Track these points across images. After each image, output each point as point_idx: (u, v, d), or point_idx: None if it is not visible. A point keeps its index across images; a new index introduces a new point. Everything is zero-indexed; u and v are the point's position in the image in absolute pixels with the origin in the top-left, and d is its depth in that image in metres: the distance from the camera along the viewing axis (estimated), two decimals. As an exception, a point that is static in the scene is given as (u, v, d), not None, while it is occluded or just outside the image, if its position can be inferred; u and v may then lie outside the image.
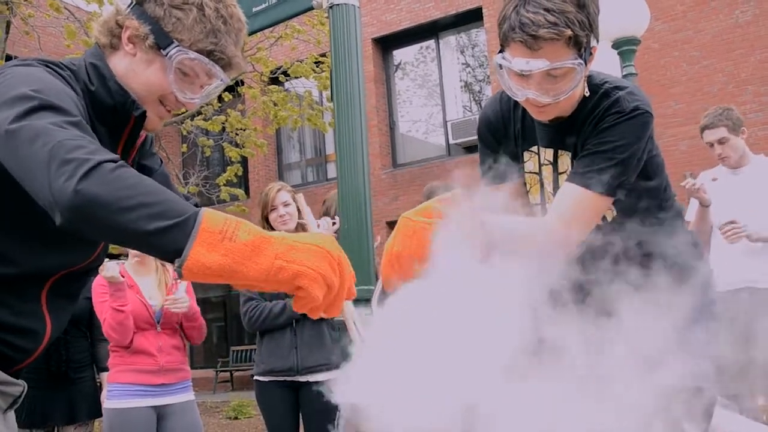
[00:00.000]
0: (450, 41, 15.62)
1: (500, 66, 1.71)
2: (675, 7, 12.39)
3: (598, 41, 1.72)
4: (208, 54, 1.52)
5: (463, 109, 15.34)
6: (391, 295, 1.45)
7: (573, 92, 1.71)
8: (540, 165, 1.97)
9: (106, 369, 4.55)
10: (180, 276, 1.14)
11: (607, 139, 1.74)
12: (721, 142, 4.36)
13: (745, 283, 4.20)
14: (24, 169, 1.23)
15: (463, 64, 15.32)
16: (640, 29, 6.42)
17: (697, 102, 11.63)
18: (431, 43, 15.71)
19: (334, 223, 3.87)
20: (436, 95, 15.68)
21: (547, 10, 1.58)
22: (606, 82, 1.82)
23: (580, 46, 1.64)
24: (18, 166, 1.24)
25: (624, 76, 6.46)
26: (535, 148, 1.97)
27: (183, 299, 3.85)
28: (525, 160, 1.99)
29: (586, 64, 1.69)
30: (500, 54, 1.71)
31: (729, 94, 11.75)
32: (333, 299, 1.21)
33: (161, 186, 1.20)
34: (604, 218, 1.92)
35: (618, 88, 1.79)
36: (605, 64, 9.77)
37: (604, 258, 1.70)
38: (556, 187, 1.93)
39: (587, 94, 1.82)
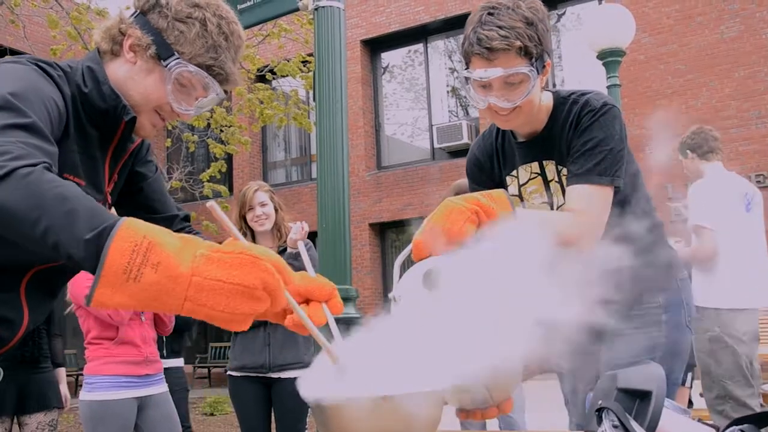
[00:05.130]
0: (438, 45, 15.65)
1: (466, 80, 1.94)
2: (661, 21, 12.50)
3: (551, 57, 1.95)
4: (207, 68, 1.55)
5: (449, 113, 15.37)
6: (414, 266, 1.52)
7: (529, 98, 1.91)
8: (520, 187, 2.16)
9: (61, 365, 4.65)
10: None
11: (590, 137, 1.93)
12: None
13: None
14: None
15: (450, 68, 15.34)
16: (626, 41, 6.48)
17: (681, 115, 11.73)
18: (420, 46, 15.74)
19: (303, 229, 3.82)
20: (422, 99, 15.70)
21: (499, 27, 1.84)
22: (571, 93, 2.04)
23: (531, 57, 1.87)
24: None
25: (608, 87, 6.53)
26: (515, 172, 2.16)
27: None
28: (508, 184, 2.19)
29: (539, 74, 1.91)
30: (465, 69, 1.94)
31: (713, 108, 11.87)
32: (272, 315, 1.20)
33: (77, 192, 1.13)
34: None
35: (583, 93, 2.01)
36: (591, 75, 9.89)
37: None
38: (548, 194, 2.11)
39: (554, 104, 2.03)
